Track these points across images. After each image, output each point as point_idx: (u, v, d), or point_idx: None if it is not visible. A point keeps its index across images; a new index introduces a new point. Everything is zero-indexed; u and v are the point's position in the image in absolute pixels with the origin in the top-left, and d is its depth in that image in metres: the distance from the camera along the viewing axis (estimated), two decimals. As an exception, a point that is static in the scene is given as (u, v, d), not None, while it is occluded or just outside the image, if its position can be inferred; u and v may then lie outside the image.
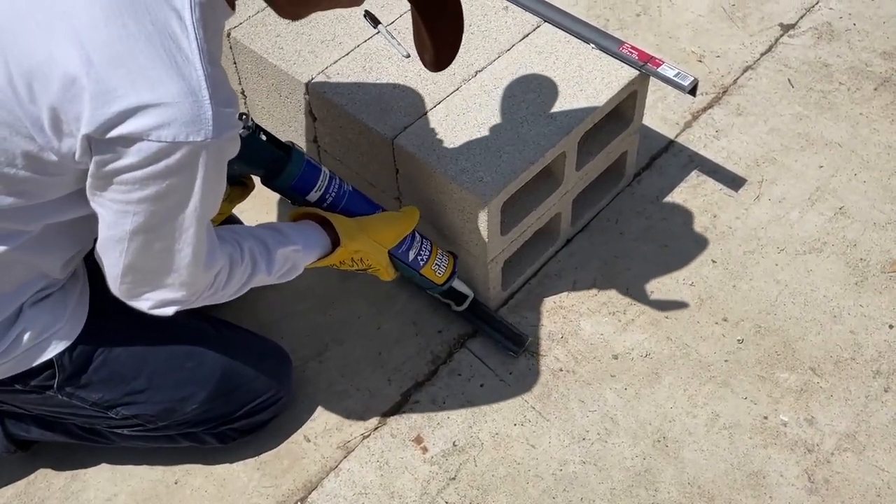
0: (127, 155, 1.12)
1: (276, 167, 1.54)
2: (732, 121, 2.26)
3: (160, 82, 1.10)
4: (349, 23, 1.96)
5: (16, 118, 1.14)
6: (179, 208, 1.21)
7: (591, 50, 1.89)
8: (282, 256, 1.49)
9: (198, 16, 1.13)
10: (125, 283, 1.31)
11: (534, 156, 1.72)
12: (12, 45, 1.10)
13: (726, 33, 2.46)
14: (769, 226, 2.05)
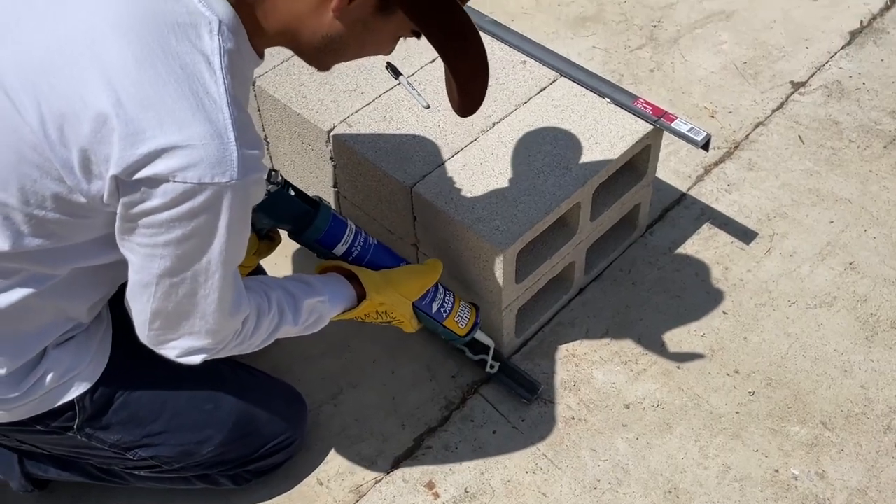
0: (153, 196, 1.12)
1: (304, 222, 1.55)
2: (744, 175, 2.27)
3: (187, 124, 1.10)
4: (371, 73, 1.99)
5: (46, 160, 1.14)
6: (204, 252, 1.21)
7: (607, 104, 1.91)
8: (308, 308, 1.49)
9: (227, 63, 1.15)
10: (153, 330, 1.31)
11: (549, 206, 1.73)
12: (47, 90, 1.11)
13: (738, 90, 2.48)
14: (780, 279, 2.05)
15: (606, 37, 2.65)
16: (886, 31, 2.61)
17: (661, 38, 2.63)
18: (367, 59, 1.99)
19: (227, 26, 1.16)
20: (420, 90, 1.95)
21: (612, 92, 1.93)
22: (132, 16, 1.12)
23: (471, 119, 1.87)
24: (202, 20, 1.15)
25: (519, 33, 2.07)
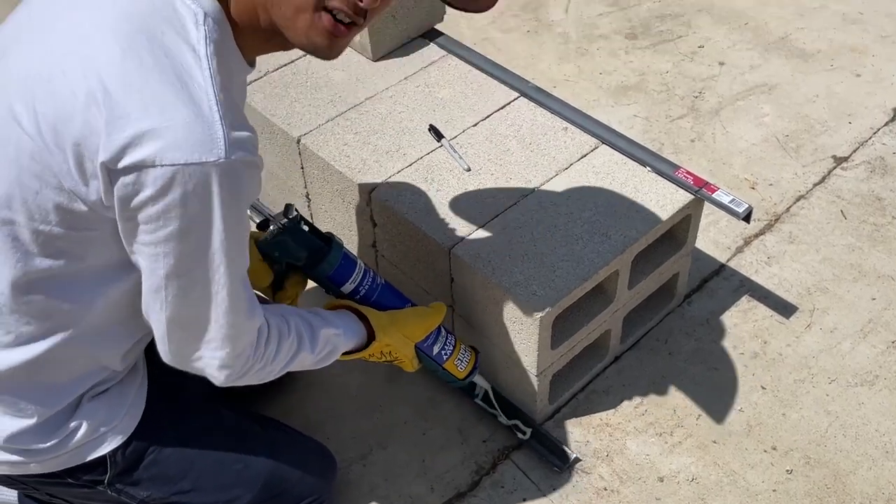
0: (144, 186, 1.12)
1: (316, 257, 1.58)
2: (784, 248, 2.25)
3: (171, 106, 1.11)
4: (413, 135, 2.00)
5: (45, 167, 1.15)
6: (205, 244, 1.20)
7: (647, 172, 1.91)
8: (324, 337, 1.50)
9: (212, 50, 1.16)
10: (172, 343, 1.31)
11: (587, 273, 1.72)
12: (43, 95, 1.14)
13: (779, 163, 2.47)
14: (820, 355, 2.01)
15: (647, 106, 2.66)
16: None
17: (702, 109, 2.64)
18: (409, 122, 2.01)
19: (212, 18, 1.18)
20: (461, 153, 1.96)
21: (652, 160, 1.92)
22: (121, 16, 1.16)
23: (511, 183, 1.88)
24: (188, 13, 1.17)
25: (561, 100, 2.09)
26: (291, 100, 2.10)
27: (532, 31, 2.94)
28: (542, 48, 2.87)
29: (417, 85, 2.13)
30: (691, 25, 2.93)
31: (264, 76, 2.17)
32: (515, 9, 3.02)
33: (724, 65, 2.78)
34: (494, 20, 2.97)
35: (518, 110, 2.07)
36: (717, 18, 2.95)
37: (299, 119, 2.05)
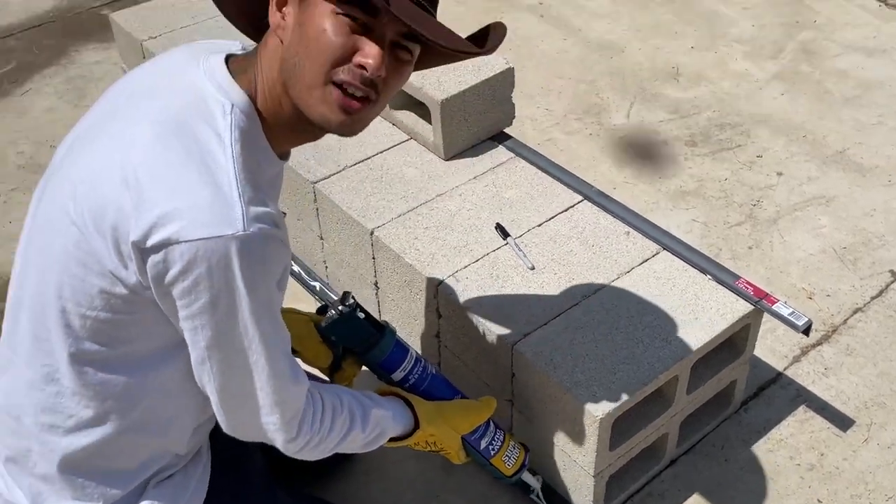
0: (173, 263, 1.16)
1: (369, 343, 1.63)
2: (842, 360, 2.24)
3: (194, 188, 1.16)
4: (481, 232, 2.06)
5: (88, 253, 1.21)
6: (235, 314, 1.22)
7: (708, 280, 1.93)
8: (375, 419, 1.50)
9: (237, 136, 1.22)
10: (227, 412, 1.33)
11: (647, 377, 1.74)
12: (89, 190, 1.21)
13: (837, 274, 2.48)
14: (878, 471, 1.99)
15: (706, 211, 2.69)
16: None
17: (760, 217, 2.66)
18: (477, 219, 2.07)
19: (239, 108, 1.25)
20: (526, 252, 2.00)
21: (713, 269, 1.95)
22: (160, 113, 1.23)
23: (573, 283, 1.92)
24: (217, 105, 1.24)
25: (623, 204, 2.13)
26: (367, 193, 2.17)
27: (594, 134, 3.00)
28: (603, 151, 2.93)
29: (486, 185, 2.20)
30: (750, 135, 2.97)
31: (342, 170, 2.25)
32: (579, 112, 3.10)
33: (781, 175, 2.81)
34: (558, 122, 3.04)
35: (581, 213, 2.12)
36: (775, 130, 2.99)
37: (373, 212, 2.12)
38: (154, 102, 1.26)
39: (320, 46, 1.20)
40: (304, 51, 1.22)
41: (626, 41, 3.43)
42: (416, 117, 2.33)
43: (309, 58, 1.22)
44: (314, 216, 2.30)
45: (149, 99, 1.28)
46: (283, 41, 1.25)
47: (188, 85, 1.28)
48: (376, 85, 1.22)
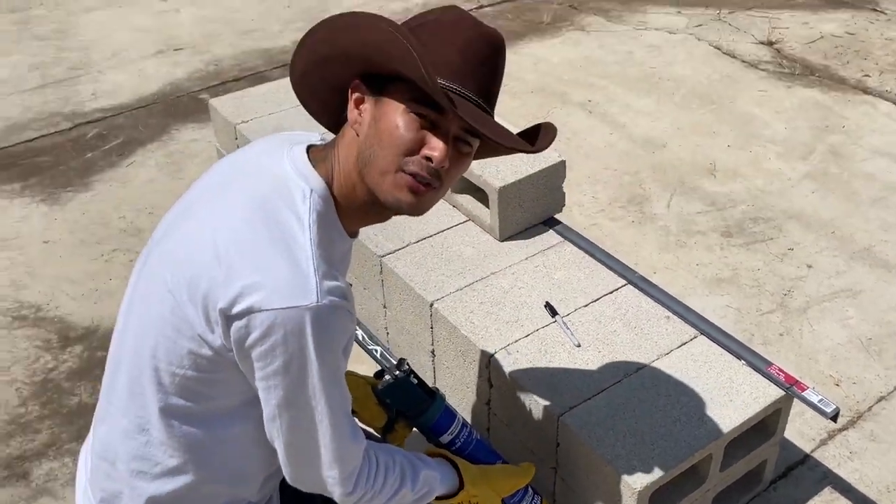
0: (253, 329, 1.18)
1: (420, 408, 1.63)
2: (866, 445, 2.18)
3: (274, 263, 1.19)
4: (531, 310, 2.06)
5: (181, 319, 1.24)
6: (306, 378, 1.24)
7: (742, 365, 1.90)
8: (424, 478, 1.50)
9: (314, 219, 1.25)
10: (292, 465, 1.33)
11: (683, 454, 1.71)
12: (186, 267, 1.24)
13: (863, 363, 2.43)
14: (900, 554, 1.92)
15: (740, 298, 2.66)
16: None
17: (790, 306, 2.63)
18: (528, 297, 2.07)
19: (317, 194, 1.28)
20: (573, 330, 1.99)
21: (747, 355, 1.93)
22: (248, 196, 1.27)
23: (616, 362, 1.91)
24: (298, 190, 1.27)
25: (663, 290, 2.12)
26: (428, 269, 2.19)
27: (636, 221, 3.00)
28: (644, 238, 2.93)
29: (536, 265, 2.20)
30: (782, 230, 2.95)
31: (406, 246, 2.27)
32: (623, 201, 3.11)
33: (811, 268, 2.78)
34: (604, 209, 3.05)
35: (625, 296, 2.11)
36: (806, 225, 2.97)
37: (433, 286, 2.14)
38: (244, 187, 1.31)
39: (393, 139, 1.24)
40: (379, 143, 1.26)
41: (668, 138, 3.44)
42: (475, 201, 2.36)
43: (383, 149, 1.26)
44: (379, 286, 2.32)
45: (240, 184, 1.33)
46: (360, 134, 1.29)
47: (274, 172, 1.33)
48: (440, 174, 1.25)
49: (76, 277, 2.75)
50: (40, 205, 3.11)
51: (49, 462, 2.14)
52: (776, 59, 3.96)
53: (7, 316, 2.60)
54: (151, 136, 3.51)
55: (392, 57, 1.21)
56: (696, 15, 4.36)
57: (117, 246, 2.89)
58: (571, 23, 4.32)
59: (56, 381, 2.37)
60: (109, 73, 3.97)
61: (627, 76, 3.84)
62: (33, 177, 3.26)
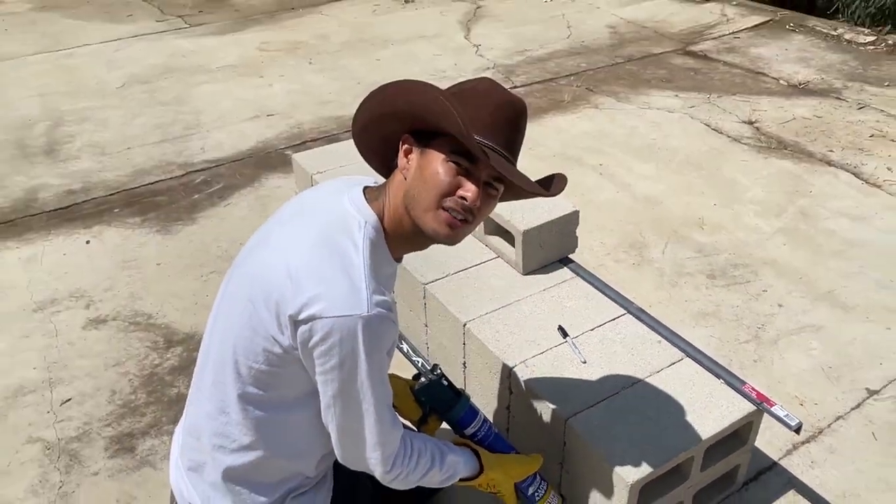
0: (315, 332, 1.20)
1: (449, 405, 1.63)
2: (825, 457, 2.12)
3: (334, 280, 1.21)
4: (546, 332, 2.05)
5: (258, 322, 1.26)
6: (355, 373, 1.24)
7: (720, 384, 1.88)
8: (450, 462, 1.49)
9: (367, 245, 1.28)
10: (342, 446, 1.33)
11: (670, 455, 1.68)
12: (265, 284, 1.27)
13: (823, 387, 2.37)
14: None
15: (721, 330, 2.63)
16: (950, 362, 2.47)
17: (763, 338, 2.58)
18: (544, 321, 2.07)
19: (370, 225, 1.30)
20: (580, 349, 1.98)
21: (725, 375, 1.90)
22: (313, 225, 1.30)
23: (616, 377, 1.89)
24: (354, 221, 1.30)
25: (656, 318, 2.10)
26: (463, 295, 2.20)
27: (636, 263, 2.99)
28: (642, 276, 2.91)
29: (552, 296, 2.20)
30: (758, 274, 2.91)
31: (445, 277, 2.29)
32: (625, 247, 3.10)
33: (782, 306, 2.73)
34: (609, 253, 3.04)
35: (624, 323, 2.09)
36: (778, 271, 2.93)
37: (467, 310, 2.14)
38: (311, 221, 1.34)
39: (435, 183, 1.28)
40: (423, 185, 1.29)
41: (664, 197, 3.43)
42: (504, 241, 2.37)
43: (426, 190, 1.29)
44: (422, 309, 2.33)
45: (308, 218, 1.36)
46: (407, 178, 1.33)
47: (336, 208, 1.36)
48: (473, 211, 1.28)
49: (181, 293, 2.81)
50: (155, 234, 3.19)
51: (151, 440, 2.18)
52: (756, 135, 3.94)
53: (125, 321, 2.66)
54: (245, 183, 3.58)
55: (437, 116, 1.25)
56: (691, 98, 4.37)
57: (214, 269, 2.95)
58: (588, 102, 4.35)
59: (160, 374, 2.41)
60: (215, 132, 4.08)
61: (632, 146, 3.85)
62: (152, 212, 3.35)
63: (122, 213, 3.33)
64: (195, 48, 5.25)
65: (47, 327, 2.63)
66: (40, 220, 3.29)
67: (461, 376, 2.23)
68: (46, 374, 2.41)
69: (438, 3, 6.12)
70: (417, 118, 1.30)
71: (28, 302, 2.76)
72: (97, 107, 4.37)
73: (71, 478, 2.06)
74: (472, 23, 5.67)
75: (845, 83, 4.53)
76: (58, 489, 2.02)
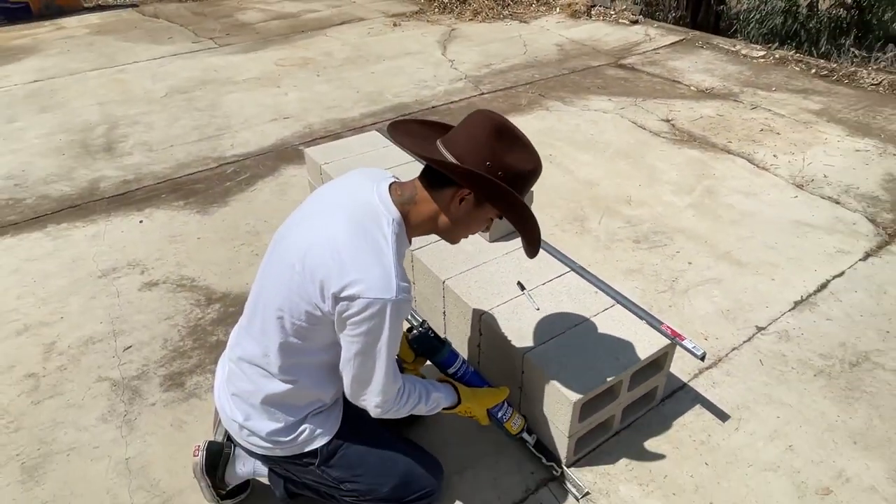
0: (352, 307, 1.22)
1: (435, 351, 1.66)
2: (723, 378, 2.17)
3: (371, 267, 1.22)
4: (508, 286, 2.06)
5: (303, 290, 1.27)
6: (377, 340, 1.26)
7: (643, 323, 1.90)
8: (434, 398, 1.52)
9: (394, 238, 1.28)
10: (352, 389, 1.35)
11: (604, 379, 1.72)
12: (308, 258, 1.27)
13: (722, 326, 2.41)
14: (743, 449, 1.91)
15: (644, 282, 2.65)
16: (817, 305, 2.51)
17: (676, 288, 2.61)
18: (506, 277, 2.07)
19: (395, 221, 1.30)
20: (535, 299, 1.99)
21: (647, 317, 1.92)
22: (348, 216, 1.29)
23: (563, 320, 1.90)
24: (384, 217, 1.30)
25: (594, 275, 2.11)
26: (442, 258, 2.19)
27: (578, 232, 2.99)
28: (583, 242, 2.92)
29: (513, 258, 2.20)
30: (673, 239, 2.93)
31: (428, 245, 2.27)
32: (570, 219, 3.10)
33: (691, 264, 2.76)
34: (558, 224, 3.05)
35: (569, 278, 2.11)
36: (689, 237, 2.95)
37: (446, 270, 2.14)
38: (347, 212, 1.32)
39: (473, 230, 1.38)
40: (464, 228, 1.37)
41: (600, 179, 3.44)
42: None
43: (464, 231, 1.37)
44: (411, 270, 2.32)
45: (344, 208, 1.33)
46: (446, 215, 1.33)
47: (366, 200, 1.34)
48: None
49: (217, 261, 2.78)
50: (196, 214, 3.14)
51: (196, 377, 2.17)
52: (671, 130, 3.95)
53: (173, 284, 2.64)
54: (267, 173, 3.53)
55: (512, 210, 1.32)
56: (621, 102, 4.36)
57: (244, 242, 2.91)
58: (540, 105, 4.32)
59: (203, 326, 2.40)
60: (242, 132, 4.01)
61: (575, 140, 3.84)
62: (192, 197, 3.30)
63: (168, 198, 3.27)
64: (224, 64, 5.12)
65: (110, 290, 2.59)
66: (102, 205, 3.22)
67: (441, 322, 2.24)
68: (111, 327, 2.38)
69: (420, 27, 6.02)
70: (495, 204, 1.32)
71: (94, 270, 2.72)
72: (145, 112, 4.27)
73: (133, 408, 2.05)
74: (447, 42, 5.59)
75: (741, 88, 4.54)
76: (123, 417, 2.02)
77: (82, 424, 2.00)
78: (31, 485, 1.82)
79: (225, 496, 1.69)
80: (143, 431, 1.96)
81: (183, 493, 1.77)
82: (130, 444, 1.92)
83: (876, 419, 2.01)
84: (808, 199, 3.18)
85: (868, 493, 1.78)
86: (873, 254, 2.77)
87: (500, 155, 1.28)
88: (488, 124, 1.30)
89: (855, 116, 4.04)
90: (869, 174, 3.39)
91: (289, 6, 6.90)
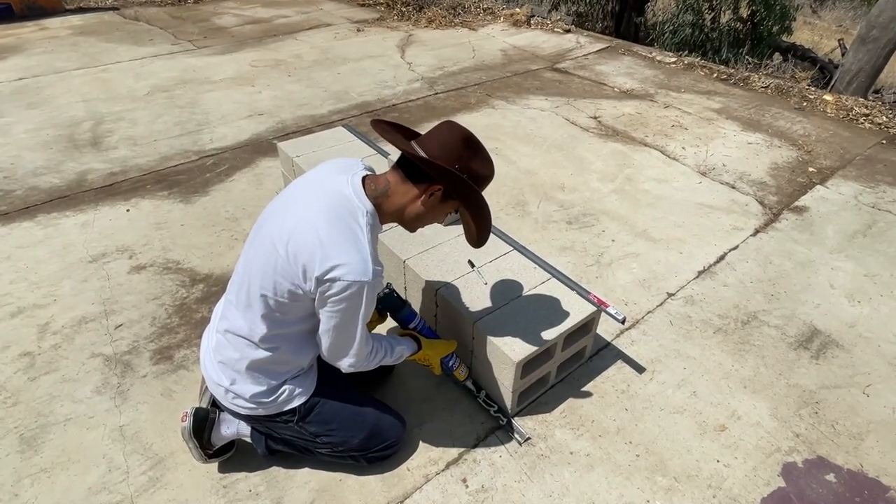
0: (333, 288, 1.21)
1: (397, 309, 1.67)
2: (640, 338, 2.23)
3: (350, 253, 1.21)
4: (459, 264, 2.05)
5: (286, 272, 1.24)
6: (354, 315, 1.27)
7: (574, 294, 1.93)
8: (398, 351, 1.54)
9: (368, 228, 1.27)
10: (330, 353, 1.36)
11: (542, 342, 1.74)
12: (291, 242, 1.24)
13: (639, 293, 2.47)
14: (657, 396, 1.98)
15: (575, 258, 2.69)
16: (716, 273, 2.61)
17: (602, 262, 2.66)
18: (458, 256, 2.06)
19: (369, 213, 1.29)
20: (483, 274, 2.00)
21: (577, 288, 1.95)
22: (325, 206, 1.27)
23: (507, 293, 1.91)
24: (359, 209, 1.28)
25: (533, 252, 2.12)
26: (403, 241, 2.17)
27: (519, 215, 3.01)
28: (524, 224, 2.93)
29: (464, 240, 2.17)
30: (599, 220, 2.98)
31: (391, 229, 2.24)
32: (512, 204, 3.11)
33: (614, 241, 2.81)
34: (503, 209, 3.05)
35: (512, 256, 2.11)
36: (612, 218, 3.00)
37: (406, 251, 2.11)
38: (325, 202, 1.28)
39: (437, 220, 1.37)
40: (429, 217, 1.35)
41: (538, 169, 3.46)
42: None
43: (428, 220, 1.36)
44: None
45: (322, 199, 1.30)
46: (415, 206, 1.32)
47: (340, 192, 1.31)
48: None
49: (200, 245, 2.68)
50: (179, 203, 3.01)
51: (184, 350, 2.10)
52: (598, 126, 3.99)
53: (160, 267, 2.53)
54: (244, 165, 3.40)
55: (475, 205, 1.32)
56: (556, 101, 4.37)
57: (223, 228, 2.81)
58: (487, 104, 4.29)
59: (188, 304, 2.32)
60: (220, 127, 3.84)
61: (517, 134, 3.84)
62: (175, 187, 3.15)
63: (152, 189, 3.12)
64: (202, 65, 4.87)
65: (101, 273, 2.47)
66: (90, 195, 3.05)
67: (404, 296, 2.22)
68: (102, 307, 2.27)
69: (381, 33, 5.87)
70: (462, 199, 1.32)
71: (85, 255, 2.58)
72: (129, 109, 4.03)
73: (125, 380, 1.97)
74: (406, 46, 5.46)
75: (657, 90, 4.62)
76: (116, 388, 1.94)
77: (78, 397, 1.91)
78: (30, 454, 1.74)
79: (212, 455, 1.66)
80: (135, 401, 1.89)
81: (174, 454, 1.72)
82: (124, 413, 1.85)
83: (762, 367, 2.12)
84: (709, 185, 3.28)
85: (755, 428, 1.88)
86: (761, 230, 2.89)
87: (467, 160, 1.32)
88: (457, 133, 1.34)
89: (748, 114, 4.18)
90: (758, 163, 3.52)
91: (262, 12, 6.60)
